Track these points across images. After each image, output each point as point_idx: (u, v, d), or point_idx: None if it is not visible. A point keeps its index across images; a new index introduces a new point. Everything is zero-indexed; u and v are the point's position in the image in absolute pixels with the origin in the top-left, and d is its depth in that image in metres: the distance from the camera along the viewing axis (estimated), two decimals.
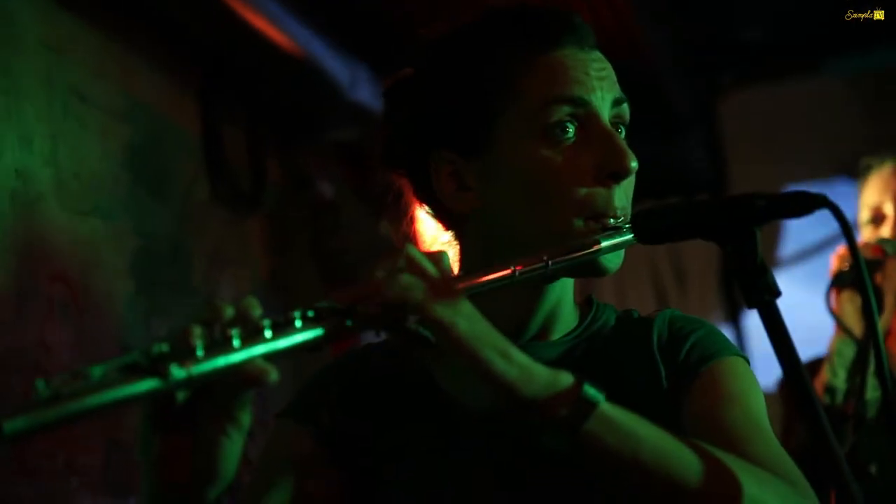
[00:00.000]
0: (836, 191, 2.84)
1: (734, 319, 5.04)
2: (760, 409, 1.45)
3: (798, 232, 4.78)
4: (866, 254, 2.59)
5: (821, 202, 1.27)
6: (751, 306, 1.32)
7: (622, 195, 1.45)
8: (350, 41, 3.43)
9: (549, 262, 1.34)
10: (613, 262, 1.43)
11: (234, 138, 3.38)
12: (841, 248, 2.69)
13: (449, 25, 1.54)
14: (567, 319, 1.53)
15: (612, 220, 1.43)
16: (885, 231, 2.77)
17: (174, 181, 3.03)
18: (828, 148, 4.52)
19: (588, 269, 1.42)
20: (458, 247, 1.57)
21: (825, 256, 3.00)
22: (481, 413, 1.22)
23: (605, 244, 1.41)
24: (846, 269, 2.57)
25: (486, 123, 1.45)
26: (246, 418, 1.12)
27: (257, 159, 3.49)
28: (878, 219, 2.80)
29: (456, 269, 1.58)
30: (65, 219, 2.46)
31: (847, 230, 1.29)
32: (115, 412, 2.35)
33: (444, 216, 1.55)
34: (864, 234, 2.81)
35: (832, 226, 1.30)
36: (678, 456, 1.22)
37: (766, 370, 1.80)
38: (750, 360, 1.53)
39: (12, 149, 2.30)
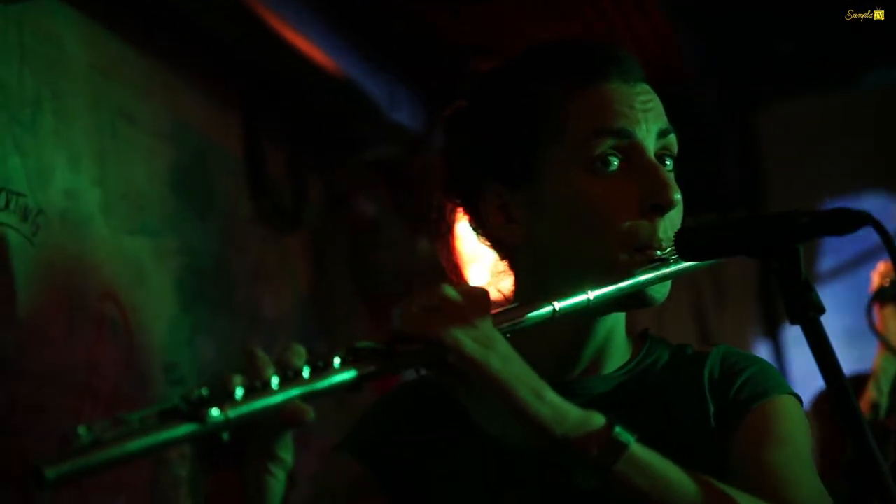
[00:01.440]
0: (872, 205, 2.84)
1: (772, 334, 5.02)
2: (807, 452, 1.45)
3: (836, 247, 4.75)
4: None
5: (865, 219, 1.29)
6: (794, 322, 1.34)
7: (668, 226, 1.45)
8: (389, 61, 3.47)
9: (591, 297, 1.36)
10: (660, 292, 1.44)
11: (275, 157, 3.42)
12: (881, 265, 2.69)
13: (499, 59, 1.57)
14: (619, 353, 1.54)
15: (657, 252, 1.44)
16: None
17: (218, 200, 3.07)
18: (865, 161, 4.51)
19: (635, 302, 1.43)
20: (512, 276, 1.59)
21: (864, 272, 2.99)
22: (515, 449, 1.25)
23: (644, 277, 1.42)
24: (888, 285, 2.57)
25: (530, 155, 1.46)
26: (288, 456, 1.17)
27: (298, 178, 3.53)
28: None
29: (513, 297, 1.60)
30: (113, 238, 2.50)
31: (891, 247, 1.30)
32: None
33: (498, 246, 1.57)
34: None
35: (869, 240, 1.32)
36: (704, 501, 1.24)
37: (804, 386, 1.81)
38: (801, 399, 1.53)
39: (62, 169, 2.34)
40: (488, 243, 1.58)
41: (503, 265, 1.58)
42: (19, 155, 2.19)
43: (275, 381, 1.08)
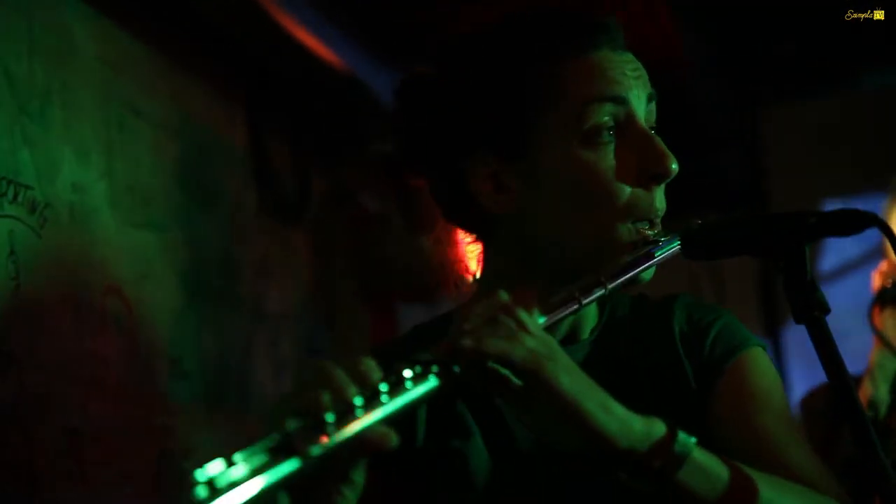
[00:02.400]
0: (875, 206, 2.85)
1: (773, 333, 5.03)
2: (785, 404, 1.50)
3: (838, 247, 4.76)
4: None
5: (871, 220, 1.30)
6: (800, 322, 1.35)
7: (661, 197, 1.48)
8: (394, 55, 3.47)
9: (608, 285, 1.37)
10: (649, 271, 1.46)
11: (279, 151, 3.43)
12: (883, 265, 2.70)
13: (476, 26, 1.55)
14: (591, 315, 1.56)
15: (649, 227, 1.45)
16: None
17: (222, 194, 3.08)
18: (865, 162, 4.52)
19: (628, 279, 1.44)
20: (482, 249, 1.59)
21: (866, 272, 2.99)
22: (565, 453, 1.25)
23: (658, 257, 1.43)
24: (889, 285, 2.58)
25: (526, 125, 1.46)
26: (360, 478, 1.15)
27: (302, 172, 3.54)
28: None
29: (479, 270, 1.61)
30: (119, 231, 2.51)
31: None
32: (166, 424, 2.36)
33: (472, 220, 1.56)
34: None
35: (871, 241, 1.33)
36: (743, 486, 1.27)
37: (803, 383, 1.82)
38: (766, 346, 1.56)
39: (69, 162, 2.35)
40: (456, 216, 1.57)
41: (469, 238, 1.59)
42: (28, 147, 2.20)
43: (358, 401, 1.06)
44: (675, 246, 1.45)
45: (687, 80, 4.30)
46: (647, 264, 1.43)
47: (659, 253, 1.44)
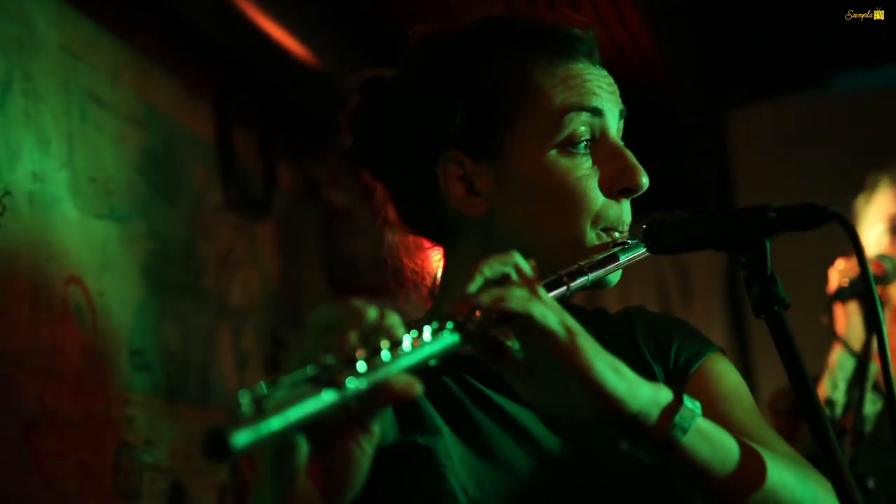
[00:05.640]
0: (842, 206, 2.85)
1: (739, 332, 5.05)
2: (752, 401, 1.51)
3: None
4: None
5: (830, 215, 1.30)
6: (759, 316, 1.35)
7: (628, 209, 1.49)
8: (363, 49, 3.46)
9: (590, 274, 1.37)
10: (616, 274, 1.46)
11: (246, 144, 3.41)
12: (839, 263, 2.69)
13: (451, 25, 1.54)
14: None
15: (618, 234, 1.46)
16: None
17: (187, 186, 3.06)
18: (834, 164, 4.54)
19: (596, 283, 1.44)
20: (443, 253, 1.57)
21: None
22: (567, 423, 1.23)
23: (623, 258, 1.43)
24: (846, 284, 2.58)
25: (501, 128, 1.46)
26: (378, 429, 1.10)
27: (269, 165, 3.52)
28: None
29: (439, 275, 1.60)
30: (80, 221, 2.49)
31: (857, 242, 1.31)
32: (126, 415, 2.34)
33: (435, 223, 1.55)
34: (883, 246, 2.78)
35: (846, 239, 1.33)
36: (752, 458, 1.27)
37: (770, 384, 1.83)
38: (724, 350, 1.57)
39: (30, 151, 2.33)
40: (413, 219, 1.56)
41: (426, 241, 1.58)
42: None
43: (385, 347, 1.04)
44: (642, 250, 1.45)
45: (655, 79, 4.32)
46: (615, 264, 1.43)
47: (625, 255, 1.44)
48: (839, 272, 2.65)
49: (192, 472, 2.85)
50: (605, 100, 1.48)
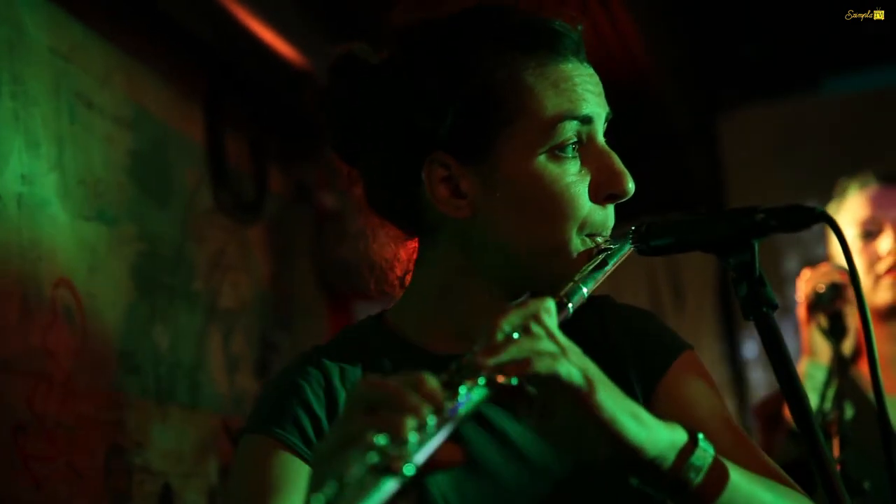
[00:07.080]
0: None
1: (730, 334, 5.06)
2: (724, 403, 1.52)
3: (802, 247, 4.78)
4: (834, 277, 2.59)
5: (819, 216, 1.30)
6: (748, 317, 1.35)
7: (612, 214, 1.49)
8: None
9: (584, 289, 1.36)
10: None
11: (237, 147, 3.40)
12: (806, 272, 2.69)
13: (437, 11, 1.52)
14: None
15: (600, 239, 1.46)
16: (885, 244, 2.76)
17: (177, 188, 3.05)
18: (825, 166, 4.55)
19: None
20: (418, 251, 1.56)
21: None
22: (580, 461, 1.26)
23: (611, 263, 1.43)
24: (822, 290, 2.57)
25: (491, 131, 1.44)
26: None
27: (260, 168, 3.51)
28: (871, 234, 2.80)
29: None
30: (70, 224, 2.48)
31: (845, 244, 1.31)
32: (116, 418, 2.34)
33: (413, 222, 1.53)
34: (856, 251, 2.79)
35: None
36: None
37: (760, 389, 1.82)
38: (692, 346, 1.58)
39: (19, 153, 2.32)
40: (394, 217, 1.55)
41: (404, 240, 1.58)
42: None
43: (431, 420, 1.07)
44: (628, 249, 1.45)
45: (648, 81, 4.32)
46: (605, 271, 1.43)
47: (613, 260, 1.44)
48: (807, 281, 2.65)
49: (182, 475, 2.84)
50: (594, 104, 1.46)
